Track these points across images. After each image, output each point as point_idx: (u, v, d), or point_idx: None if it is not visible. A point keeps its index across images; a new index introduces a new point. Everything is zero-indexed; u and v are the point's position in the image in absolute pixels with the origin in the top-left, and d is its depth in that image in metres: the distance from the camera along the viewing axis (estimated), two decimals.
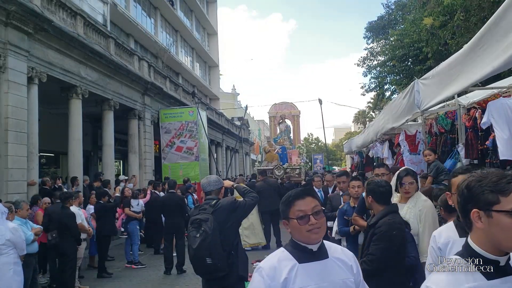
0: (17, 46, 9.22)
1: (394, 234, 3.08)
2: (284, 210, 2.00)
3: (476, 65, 4.09)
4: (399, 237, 3.09)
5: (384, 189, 3.31)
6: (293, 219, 1.93)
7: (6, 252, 5.03)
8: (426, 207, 3.49)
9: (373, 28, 24.91)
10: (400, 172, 3.73)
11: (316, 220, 1.91)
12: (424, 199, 3.58)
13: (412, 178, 3.58)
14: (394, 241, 3.07)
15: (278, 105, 22.26)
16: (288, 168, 16.94)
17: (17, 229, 5.24)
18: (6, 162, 8.84)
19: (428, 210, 3.47)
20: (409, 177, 3.58)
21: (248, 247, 9.61)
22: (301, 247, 1.94)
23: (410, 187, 3.56)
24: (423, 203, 3.52)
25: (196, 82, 35.16)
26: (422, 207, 3.48)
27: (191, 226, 3.66)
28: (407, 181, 3.57)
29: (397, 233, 3.09)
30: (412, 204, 3.53)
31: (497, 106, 4.51)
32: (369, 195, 3.40)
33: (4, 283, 4.98)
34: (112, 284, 7.81)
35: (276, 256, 1.97)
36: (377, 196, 3.32)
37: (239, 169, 34.01)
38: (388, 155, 9.57)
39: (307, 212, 1.92)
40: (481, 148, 5.46)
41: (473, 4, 10.56)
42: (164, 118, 17.71)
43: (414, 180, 3.57)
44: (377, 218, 3.30)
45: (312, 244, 1.94)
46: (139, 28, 23.99)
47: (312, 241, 1.92)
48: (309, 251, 1.94)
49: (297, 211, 1.93)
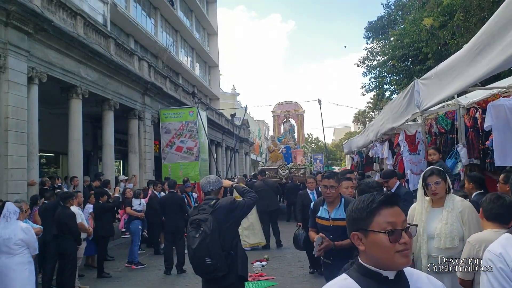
0: (17, 46, 9.23)
1: None
2: (363, 219, 1.50)
3: (475, 65, 4.09)
4: None
5: (374, 190, 3.34)
6: (378, 233, 1.45)
7: (20, 252, 5.06)
8: (466, 207, 3.23)
9: (373, 28, 24.89)
10: (424, 172, 3.46)
11: (409, 238, 1.47)
12: (460, 199, 3.32)
13: (438, 177, 3.29)
14: None
15: (282, 104, 22.09)
16: (293, 167, 16.87)
17: (30, 228, 5.26)
18: (6, 162, 8.85)
19: (470, 210, 3.21)
20: (434, 176, 3.30)
21: (248, 247, 9.61)
22: (373, 274, 1.46)
23: (436, 187, 3.27)
24: (461, 203, 3.27)
25: (196, 82, 35.17)
26: (462, 208, 3.22)
27: (190, 226, 3.66)
28: (432, 181, 3.29)
29: None
30: (450, 207, 3.24)
31: (496, 108, 4.50)
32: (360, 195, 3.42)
33: (21, 283, 5.01)
34: (112, 284, 7.81)
35: (336, 285, 1.51)
36: None
37: (239, 169, 34.02)
38: (388, 155, 9.58)
39: (398, 226, 1.45)
40: (482, 148, 5.46)
41: (472, 4, 10.56)
42: (164, 118, 17.73)
43: (440, 179, 3.28)
44: None
45: (394, 269, 1.46)
46: (139, 28, 24.00)
47: (398, 266, 1.45)
48: (383, 279, 1.46)
49: (385, 223, 1.45)
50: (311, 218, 4.11)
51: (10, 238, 5.00)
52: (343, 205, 3.83)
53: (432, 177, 3.30)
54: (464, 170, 5.79)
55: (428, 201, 3.36)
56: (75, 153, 11.80)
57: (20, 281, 5.01)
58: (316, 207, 4.05)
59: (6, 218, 5.05)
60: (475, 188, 4.46)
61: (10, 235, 5.00)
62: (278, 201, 10.81)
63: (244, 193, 3.98)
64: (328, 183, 3.88)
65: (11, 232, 5.02)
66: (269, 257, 8.92)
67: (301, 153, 20.07)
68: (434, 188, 3.26)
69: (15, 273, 5.00)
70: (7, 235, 5.00)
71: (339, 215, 3.77)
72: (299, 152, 20.08)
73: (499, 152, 4.35)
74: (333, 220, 3.83)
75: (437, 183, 3.27)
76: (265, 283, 7.22)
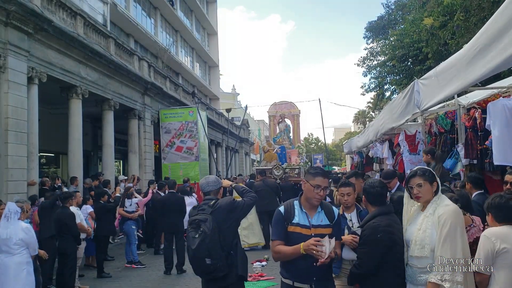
0: (17, 46, 9.22)
1: (379, 237, 3.02)
2: None
3: (475, 65, 4.09)
4: (386, 240, 3.01)
5: (375, 190, 3.26)
6: None
7: (20, 252, 5.07)
8: (447, 212, 2.79)
9: (373, 28, 24.93)
10: (409, 173, 3.12)
11: None
12: (446, 204, 2.88)
13: (421, 179, 2.92)
14: (379, 245, 3.02)
15: (278, 104, 22.11)
16: (287, 168, 16.88)
17: (30, 228, 5.27)
18: (6, 162, 8.84)
19: (449, 215, 2.77)
20: (416, 178, 2.94)
21: (247, 247, 9.60)
22: None
23: (419, 190, 2.91)
24: (444, 208, 2.83)
25: (196, 82, 35.17)
26: (442, 212, 2.80)
27: (190, 226, 3.66)
28: (414, 183, 2.94)
29: (382, 236, 3.01)
30: (430, 211, 2.87)
31: (497, 108, 4.50)
32: (363, 195, 3.39)
33: (19, 283, 5.01)
34: (112, 284, 7.81)
35: None
36: (370, 197, 3.30)
37: (239, 169, 34.02)
38: (388, 155, 9.59)
39: None
40: (481, 148, 5.46)
41: (473, 4, 10.56)
42: (164, 118, 17.74)
43: (423, 181, 2.91)
44: (365, 221, 3.26)
45: None
46: (139, 28, 24.00)
47: None
48: None
49: None
50: (280, 227, 3.09)
51: (11, 238, 5.00)
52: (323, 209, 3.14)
53: (415, 179, 2.95)
54: (464, 170, 5.79)
55: (418, 206, 3.01)
56: (75, 153, 11.80)
57: (18, 281, 5.01)
58: (289, 212, 3.11)
59: (7, 218, 5.06)
60: (475, 188, 4.47)
61: (11, 235, 5.01)
62: (277, 201, 10.80)
63: (244, 193, 3.98)
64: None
65: (11, 231, 5.02)
66: (269, 257, 8.92)
67: (295, 153, 20.10)
68: (417, 191, 2.92)
69: (13, 273, 5.00)
70: (7, 234, 5.01)
71: (321, 220, 3.09)
72: (294, 152, 20.12)
73: (499, 152, 4.34)
74: (314, 228, 3.04)
75: (419, 185, 2.91)
76: (265, 283, 7.23)
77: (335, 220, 3.14)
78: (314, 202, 3.08)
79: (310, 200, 3.08)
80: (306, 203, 3.11)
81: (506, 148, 4.31)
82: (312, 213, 3.10)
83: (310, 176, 3.10)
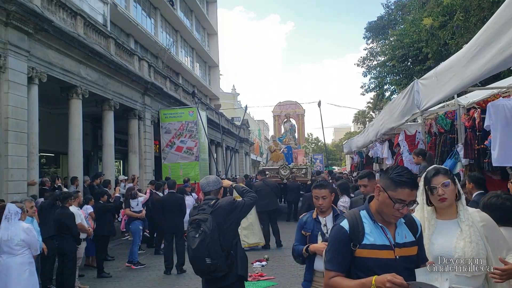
0: (17, 46, 9.23)
1: None
2: None
3: (474, 65, 4.09)
4: None
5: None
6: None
7: (22, 253, 5.07)
8: (489, 221, 2.40)
9: (373, 28, 24.94)
10: (427, 172, 2.54)
11: None
12: (475, 209, 2.49)
13: (447, 177, 2.42)
14: None
15: (283, 104, 22.04)
16: (294, 167, 16.84)
17: (31, 229, 5.26)
18: (6, 162, 8.85)
19: (492, 224, 2.39)
20: (440, 176, 2.42)
21: (247, 247, 9.58)
22: None
23: (445, 190, 2.38)
24: (479, 214, 2.43)
25: (196, 82, 35.18)
26: (484, 222, 2.37)
27: (190, 226, 3.67)
28: (438, 182, 2.41)
29: None
30: (469, 220, 2.36)
31: (496, 108, 4.50)
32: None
33: (21, 283, 5.01)
34: (112, 284, 7.81)
35: None
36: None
37: (239, 169, 34.02)
38: (388, 155, 9.60)
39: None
40: (478, 148, 5.46)
41: (472, 4, 10.57)
42: (164, 118, 17.75)
43: (450, 180, 2.41)
44: None
45: None
46: (139, 28, 24.01)
47: None
48: None
49: None
50: (342, 251, 2.13)
51: (12, 239, 5.00)
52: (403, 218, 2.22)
53: (439, 177, 2.42)
54: (464, 170, 5.79)
55: (430, 211, 2.48)
56: (75, 153, 11.80)
57: (21, 281, 5.01)
58: (357, 228, 2.15)
59: (7, 219, 5.05)
60: (476, 188, 4.46)
61: (12, 236, 5.01)
62: (277, 201, 10.79)
63: (244, 193, 3.99)
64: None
65: (12, 233, 5.02)
66: (269, 257, 8.92)
67: (302, 153, 20.02)
68: (442, 191, 2.38)
69: (16, 273, 5.00)
70: (8, 236, 5.00)
71: (405, 236, 2.18)
72: (300, 152, 20.03)
73: (498, 152, 4.34)
74: (399, 248, 2.13)
75: (445, 185, 2.39)
76: (265, 283, 7.22)
77: (419, 234, 2.25)
78: (392, 220, 2.15)
79: (385, 216, 2.14)
80: (378, 216, 2.17)
81: (506, 149, 4.31)
82: (391, 227, 2.18)
83: (391, 183, 2.08)
